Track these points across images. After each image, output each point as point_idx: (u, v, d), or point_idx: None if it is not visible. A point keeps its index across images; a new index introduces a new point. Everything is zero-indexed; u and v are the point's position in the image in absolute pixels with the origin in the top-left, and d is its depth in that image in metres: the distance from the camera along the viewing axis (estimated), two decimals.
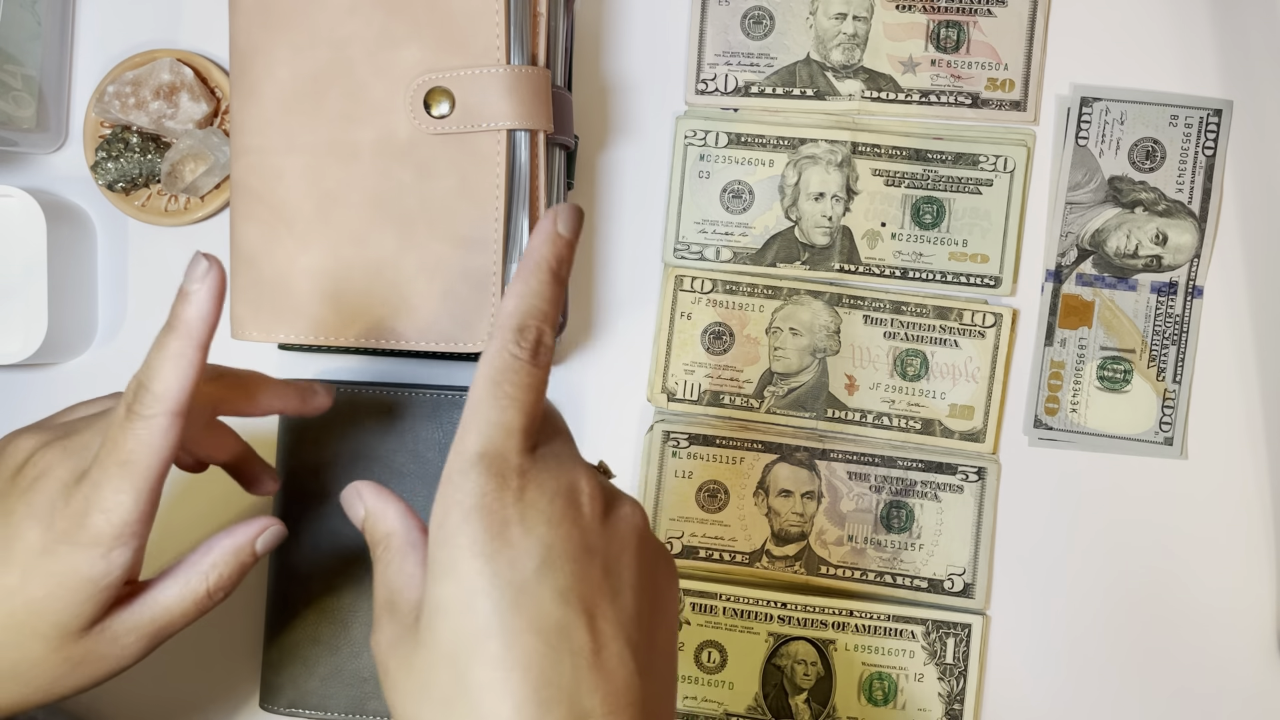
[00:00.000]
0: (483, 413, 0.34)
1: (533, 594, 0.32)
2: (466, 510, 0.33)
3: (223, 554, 0.44)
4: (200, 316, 0.40)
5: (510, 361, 0.34)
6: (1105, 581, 0.57)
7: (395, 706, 0.34)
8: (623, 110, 0.59)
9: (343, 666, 0.56)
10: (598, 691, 0.32)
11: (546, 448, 0.36)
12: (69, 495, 0.40)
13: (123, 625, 0.42)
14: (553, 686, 0.32)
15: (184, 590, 0.44)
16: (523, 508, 0.33)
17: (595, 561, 0.34)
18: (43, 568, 0.40)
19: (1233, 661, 0.56)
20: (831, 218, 0.57)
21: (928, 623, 0.56)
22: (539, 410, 0.35)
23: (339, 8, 0.51)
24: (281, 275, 0.52)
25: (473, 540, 0.32)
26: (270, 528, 0.45)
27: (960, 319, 0.57)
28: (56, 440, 0.42)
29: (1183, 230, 0.56)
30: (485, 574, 0.32)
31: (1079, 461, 0.57)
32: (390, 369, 0.60)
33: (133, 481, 0.40)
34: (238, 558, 0.45)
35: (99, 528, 0.40)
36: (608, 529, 0.35)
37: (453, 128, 0.50)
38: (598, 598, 0.33)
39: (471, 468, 0.33)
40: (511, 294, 0.36)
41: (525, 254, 0.36)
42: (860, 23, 0.57)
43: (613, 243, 0.59)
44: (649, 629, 0.35)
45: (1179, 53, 0.56)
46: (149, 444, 0.40)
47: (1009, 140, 0.56)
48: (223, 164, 0.58)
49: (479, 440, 0.34)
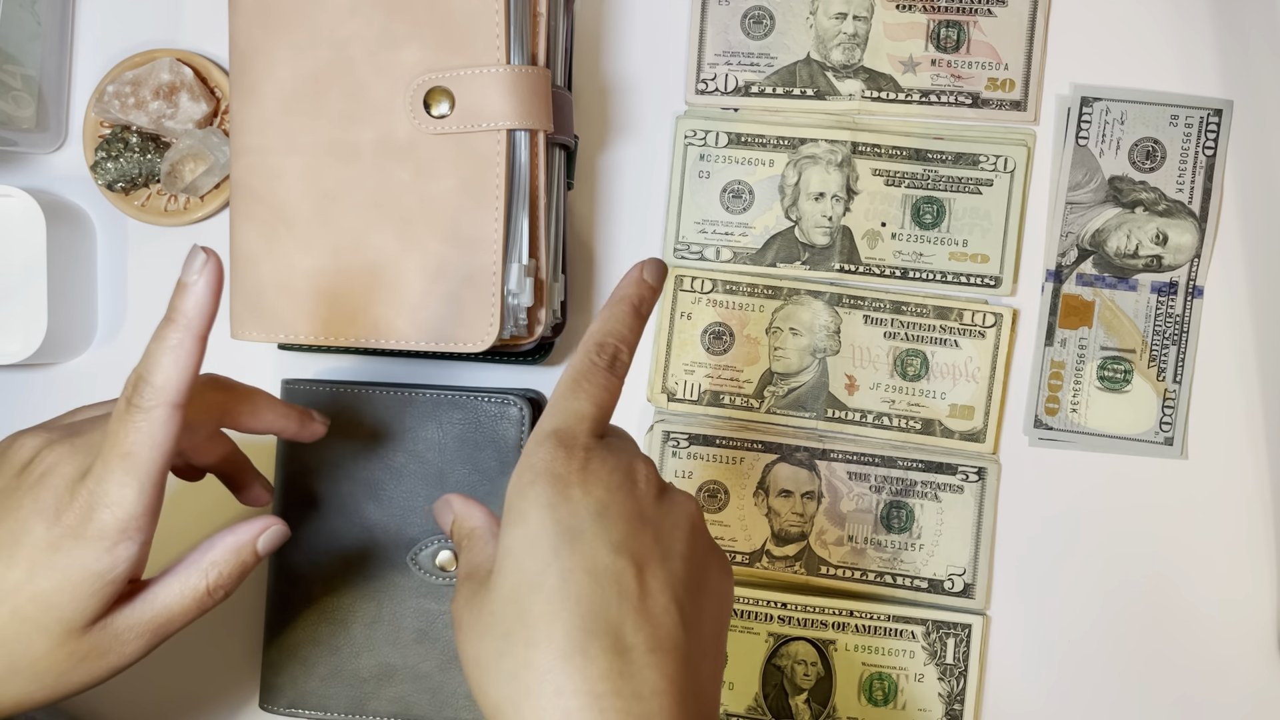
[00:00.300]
0: (560, 402, 0.39)
1: (588, 541, 0.36)
2: (537, 472, 0.37)
3: (223, 552, 0.45)
4: (199, 308, 0.41)
5: (590, 366, 0.40)
6: (1105, 582, 0.57)
7: (465, 652, 0.37)
8: (623, 110, 0.59)
9: (343, 666, 0.56)
10: (641, 631, 0.35)
11: (612, 439, 0.40)
12: (74, 491, 0.41)
13: (125, 622, 0.43)
14: (600, 619, 0.35)
15: (184, 588, 0.44)
16: (585, 474, 0.38)
17: (647, 528, 0.38)
18: (49, 562, 0.41)
19: (1233, 662, 0.56)
20: (831, 218, 0.57)
21: (928, 623, 0.56)
22: (609, 408, 0.40)
23: (339, 8, 0.51)
24: (281, 275, 0.52)
25: (539, 495, 0.37)
26: (272, 527, 0.46)
27: (960, 319, 0.57)
28: (62, 439, 0.43)
29: (1183, 230, 0.56)
30: (548, 521, 0.36)
31: (1079, 461, 0.57)
32: (390, 369, 0.60)
33: (135, 475, 0.40)
34: (238, 556, 0.45)
35: (104, 522, 0.40)
36: (661, 506, 0.39)
37: (453, 128, 0.50)
38: (648, 557, 0.37)
39: (545, 440, 0.38)
40: (599, 318, 0.41)
41: (615, 292, 0.42)
42: (860, 22, 0.57)
43: (613, 243, 0.59)
44: (696, 597, 0.38)
45: (1179, 52, 0.56)
46: (150, 436, 0.40)
47: (1009, 140, 0.56)
48: (223, 164, 0.58)
49: (554, 421, 0.39)
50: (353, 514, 0.56)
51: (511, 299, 0.51)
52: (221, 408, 0.47)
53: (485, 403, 0.56)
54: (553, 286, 0.53)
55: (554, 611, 0.35)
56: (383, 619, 0.56)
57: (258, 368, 0.60)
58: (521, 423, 0.56)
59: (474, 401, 0.56)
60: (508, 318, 0.51)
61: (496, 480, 0.56)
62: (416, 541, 0.56)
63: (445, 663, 0.56)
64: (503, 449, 0.56)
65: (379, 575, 0.56)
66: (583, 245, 0.59)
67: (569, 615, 0.35)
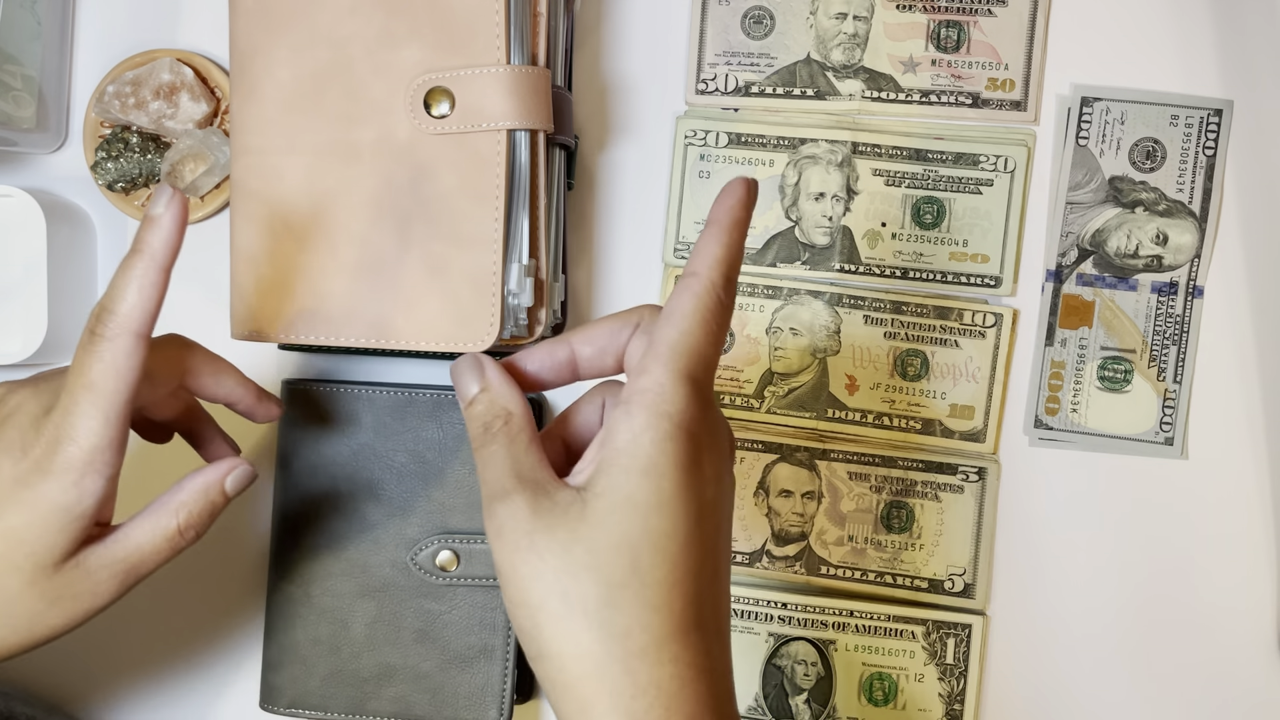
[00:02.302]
0: (694, 343, 0.36)
1: (709, 518, 0.36)
2: (676, 424, 0.35)
3: (192, 493, 0.45)
4: (164, 241, 0.41)
5: (719, 304, 0.36)
6: (1105, 582, 0.57)
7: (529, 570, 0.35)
8: (623, 110, 0.59)
9: (343, 666, 0.56)
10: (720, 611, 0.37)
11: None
12: (39, 426, 0.41)
13: (97, 560, 0.43)
14: (706, 598, 0.35)
15: (155, 527, 0.44)
16: (712, 440, 0.36)
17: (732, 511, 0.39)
18: (16, 498, 0.41)
19: (1233, 661, 0.56)
20: (832, 218, 0.57)
21: (928, 623, 0.56)
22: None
23: (339, 7, 0.51)
24: (282, 275, 0.52)
25: (678, 453, 0.35)
26: (239, 468, 0.46)
27: (960, 319, 0.57)
28: (26, 383, 0.44)
29: (1183, 230, 0.56)
30: (683, 486, 0.35)
31: (1079, 461, 0.57)
32: (390, 369, 0.60)
33: (99, 405, 0.41)
34: (207, 496, 0.45)
35: (70, 455, 0.41)
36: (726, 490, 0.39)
37: (453, 128, 0.50)
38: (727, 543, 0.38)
39: (683, 382, 0.35)
40: (715, 243, 0.37)
41: (714, 215, 0.38)
42: (860, 22, 0.57)
43: (613, 243, 0.59)
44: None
45: (1179, 53, 0.56)
46: (114, 365, 0.41)
47: (1009, 140, 0.56)
48: (223, 164, 0.58)
49: (688, 361, 0.36)
50: (353, 514, 0.56)
51: (511, 299, 0.51)
52: (184, 364, 0.47)
53: None
54: (553, 286, 0.53)
55: (677, 581, 0.35)
56: (383, 619, 0.56)
57: (258, 368, 0.60)
58: None
59: None
60: (508, 318, 0.51)
61: None
62: (416, 541, 0.56)
63: (445, 663, 0.56)
64: None
65: (379, 575, 0.56)
66: (583, 245, 0.59)
67: (689, 588, 0.35)
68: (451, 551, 0.55)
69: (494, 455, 0.37)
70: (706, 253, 0.37)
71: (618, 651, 0.34)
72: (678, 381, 0.35)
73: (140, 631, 0.61)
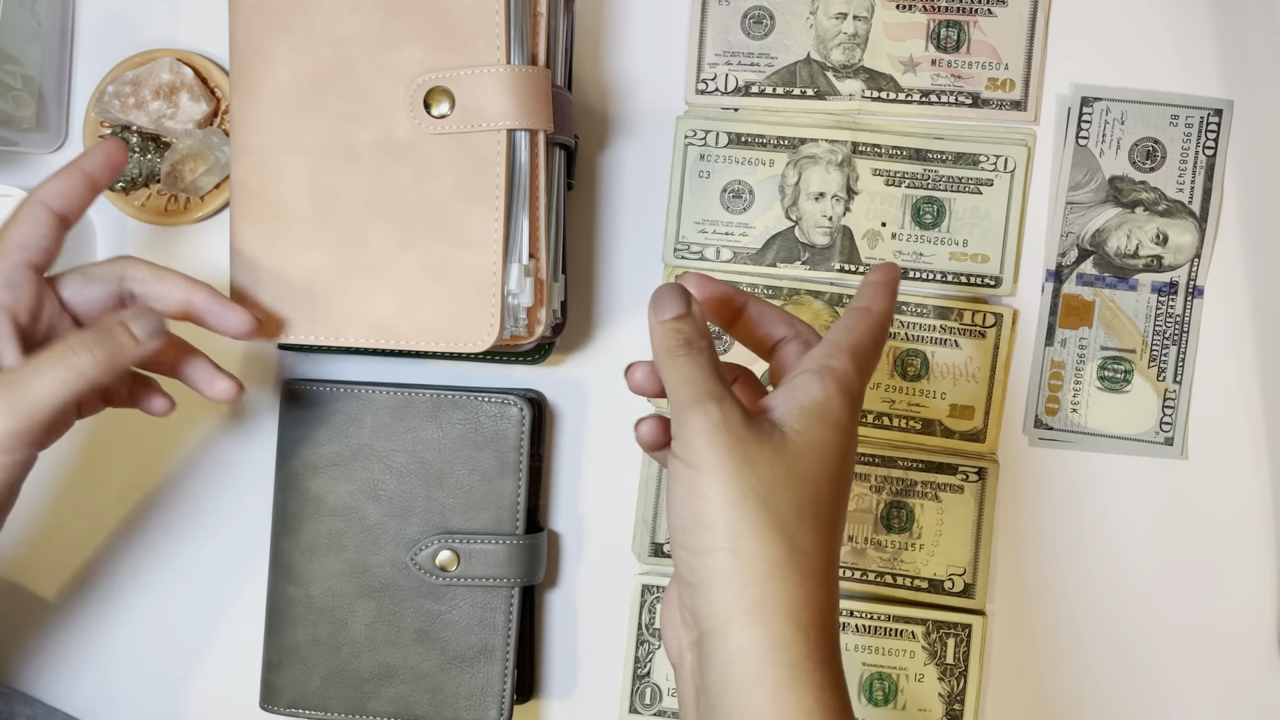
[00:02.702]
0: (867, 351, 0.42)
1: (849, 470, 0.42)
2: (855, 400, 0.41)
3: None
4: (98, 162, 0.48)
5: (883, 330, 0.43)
6: (1105, 581, 0.57)
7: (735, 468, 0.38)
8: (623, 110, 0.59)
9: (343, 666, 0.56)
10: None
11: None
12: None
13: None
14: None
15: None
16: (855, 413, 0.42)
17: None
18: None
19: (1233, 662, 0.56)
20: (832, 218, 0.57)
21: (928, 623, 0.56)
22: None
23: (339, 7, 0.51)
24: (281, 275, 0.52)
25: (853, 423, 0.41)
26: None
27: (960, 319, 0.57)
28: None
29: (1183, 230, 0.56)
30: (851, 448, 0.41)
31: (1079, 461, 0.57)
32: (390, 369, 0.60)
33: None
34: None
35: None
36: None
37: (453, 128, 0.50)
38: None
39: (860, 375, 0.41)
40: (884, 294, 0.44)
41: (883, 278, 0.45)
42: (860, 22, 0.57)
43: (613, 243, 0.59)
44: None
45: (1179, 53, 0.56)
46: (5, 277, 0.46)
47: (1009, 140, 0.56)
48: (223, 164, 0.58)
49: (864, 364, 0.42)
50: (352, 514, 0.56)
51: (511, 299, 0.51)
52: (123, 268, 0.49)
53: (485, 403, 0.56)
54: (553, 286, 0.53)
55: (838, 522, 0.40)
56: (383, 619, 0.56)
57: (258, 368, 0.60)
58: (521, 423, 0.56)
59: (474, 401, 0.56)
60: (508, 318, 0.51)
61: (496, 480, 0.56)
62: (416, 541, 0.56)
63: (445, 663, 0.56)
64: (503, 449, 0.56)
65: (379, 575, 0.56)
66: (583, 245, 0.59)
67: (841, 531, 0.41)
68: (451, 551, 0.55)
69: (701, 365, 0.40)
70: (879, 297, 0.44)
71: (797, 564, 0.38)
72: (859, 372, 0.41)
73: (140, 632, 0.61)
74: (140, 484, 0.61)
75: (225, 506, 0.61)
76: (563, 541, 0.59)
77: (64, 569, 0.61)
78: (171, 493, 0.61)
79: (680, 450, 0.39)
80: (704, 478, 0.38)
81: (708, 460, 0.38)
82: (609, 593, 0.59)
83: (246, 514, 0.60)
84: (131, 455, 0.61)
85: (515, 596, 0.56)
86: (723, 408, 0.39)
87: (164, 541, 0.61)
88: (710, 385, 0.40)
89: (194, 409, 0.60)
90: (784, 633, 0.37)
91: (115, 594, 0.61)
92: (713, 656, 0.38)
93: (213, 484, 0.61)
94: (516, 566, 0.55)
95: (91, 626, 0.61)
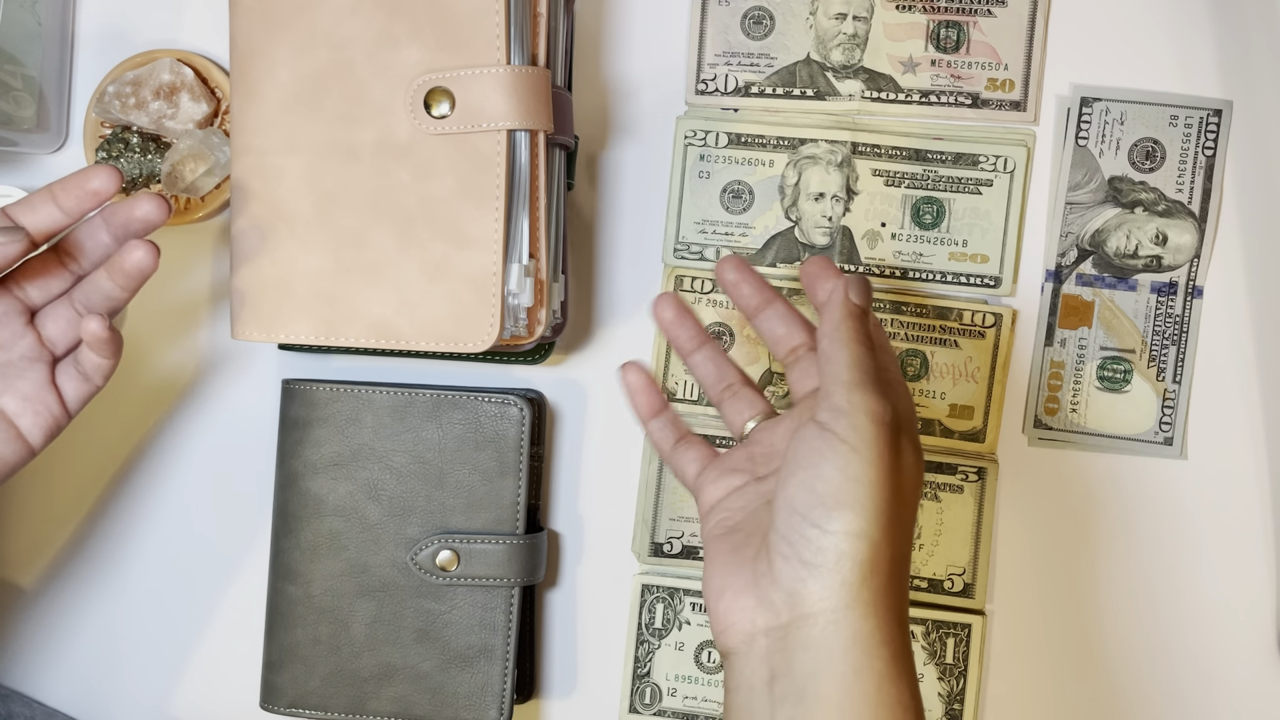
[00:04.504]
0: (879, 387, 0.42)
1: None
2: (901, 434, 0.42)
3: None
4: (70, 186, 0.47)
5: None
6: (1105, 581, 0.57)
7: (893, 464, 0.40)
8: (623, 110, 0.59)
9: (343, 666, 0.56)
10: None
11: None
12: None
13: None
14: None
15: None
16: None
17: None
18: None
19: (1232, 661, 0.56)
20: (831, 218, 0.57)
21: (928, 623, 0.56)
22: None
23: (339, 8, 0.51)
24: (281, 275, 0.52)
25: (884, 451, 0.41)
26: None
27: (960, 319, 0.57)
28: None
29: (1183, 230, 0.56)
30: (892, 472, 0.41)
31: (1079, 461, 0.57)
32: (390, 369, 0.60)
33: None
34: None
35: None
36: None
37: (453, 128, 0.50)
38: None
39: (877, 412, 0.41)
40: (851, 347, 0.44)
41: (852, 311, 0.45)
42: (860, 23, 0.57)
43: (613, 243, 0.59)
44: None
45: (1179, 53, 0.56)
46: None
47: (1009, 140, 0.56)
48: (223, 164, 0.58)
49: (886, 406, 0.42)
50: (352, 514, 0.56)
51: (511, 299, 0.51)
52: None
53: (485, 403, 0.56)
54: (553, 286, 0.53)
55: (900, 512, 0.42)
56: (383, 619, 0.56)
57: (258, 368, 0.60)
58: (521, 423, 0.56)
59: (474, 401, 0.56)
60: (508, 318, 0.51)
61: (496, 480, 0.56)
62: (416, 541, 0.56)
63: (445, 663, 0.56)
64: (503, 449, 0.56)
65: (379, 575, 0.56)
66: (583, 245, 0.59)
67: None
68: (451, 551, 0.55)
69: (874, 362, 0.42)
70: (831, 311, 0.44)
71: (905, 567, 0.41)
72: (873, 419, 0.41)
73: (140, 632, 0.61)
74: (141, 484, 0.61)
75: (225, 506, 0.61)
76: (563, 541, 0.59)
77: (64, 569, 0.61)
78: (172, 493, 0.61)
79: (841, 429, 0.40)
80: (864, 463, 0.39)
81: (874, 448, 0.39)
82: (609, 593, 0.59)
83: (246, 514, 0.60)
84: (131, 455, 0.61)
85: (515, 596, 0.56)
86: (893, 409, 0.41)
87: (164, 541, 0.61)
88: (880, 383, 0.41)
89: (195, 409, 0.60)
90: (893, 627, 0.39)
91: (115, 594, 0.61)
92: (814, 641, 0.39)
93: (213, 484, 0.61)
94: (516, 566, 0.55)
95: (91, 627, 0.61)
